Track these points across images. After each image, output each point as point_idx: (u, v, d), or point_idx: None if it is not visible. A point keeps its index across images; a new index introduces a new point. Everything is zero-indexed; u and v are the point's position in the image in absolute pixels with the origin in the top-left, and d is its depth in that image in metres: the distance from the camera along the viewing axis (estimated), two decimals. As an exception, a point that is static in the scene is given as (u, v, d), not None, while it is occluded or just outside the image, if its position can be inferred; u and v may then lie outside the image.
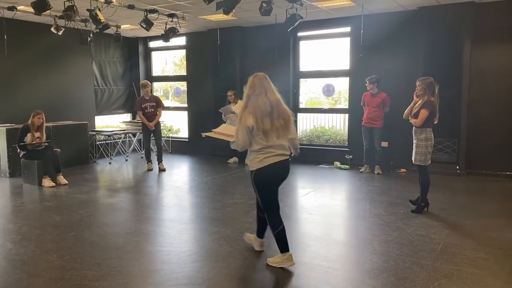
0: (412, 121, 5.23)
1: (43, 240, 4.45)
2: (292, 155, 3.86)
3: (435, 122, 5.22)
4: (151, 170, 8.26)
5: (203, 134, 4.83)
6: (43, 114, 7.10)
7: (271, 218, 3.72)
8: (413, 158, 5.32)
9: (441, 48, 7.33)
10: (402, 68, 7.87)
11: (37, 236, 4.55)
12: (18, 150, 7.13)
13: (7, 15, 7.28)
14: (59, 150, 7.30)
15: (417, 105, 5.19)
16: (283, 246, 3.71)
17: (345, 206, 5.99)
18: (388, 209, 5.46)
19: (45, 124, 7.24)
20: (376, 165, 7.79)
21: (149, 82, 8.44)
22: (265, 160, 3.61)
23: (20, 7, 7.02)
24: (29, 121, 7.05)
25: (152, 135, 8.37)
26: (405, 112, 5.36)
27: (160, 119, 8.52)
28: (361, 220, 5.14)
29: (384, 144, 7.86)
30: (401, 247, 4.16)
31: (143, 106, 8.10)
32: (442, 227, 4.75)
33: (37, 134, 7.09)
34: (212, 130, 4.18)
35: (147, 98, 8.15)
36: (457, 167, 7.47)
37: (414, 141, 5.29)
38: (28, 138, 7.00)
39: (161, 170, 8.25)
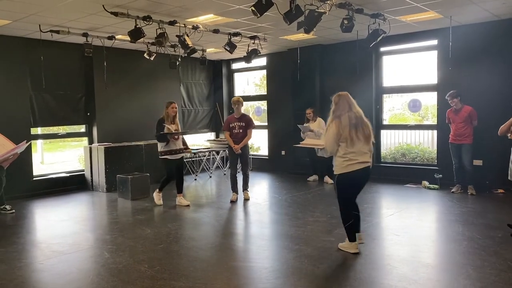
0: (511, 137, 4.84)
1: (136, 251, 4.74)
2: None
3: (537, 138, 4.78)
4: (235, 201, 7.10)
5: (295, 145, 6.01)
6: (175, 103, 6.87)
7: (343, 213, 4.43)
8: (510, 177, 4.89)
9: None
10: (496, 81, 7.31)
11: (130, 247, 4.86)
12: (160, 145, 6.75)
13: (107, 44, 8.04)
14: (190, 150, 7.38)
15: (515, 120, 4.80)
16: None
17: (435, 228, 5.64)
18: (483, 233, 5.04)
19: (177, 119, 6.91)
20: (469, 185, 7.25)
21: (241, 98, 7.14)
22: (348, 167, 4.23)
23: (118, 36, 7.73)
24: (163, 114, 6.78)
25: (239, 159, 7.19)
26: (501, 128, 4.98)
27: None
28: (452, 243, 4.79)
29: (478, 162, 7.32)
30: (499, 273, 3.81)
31: (230, 126, 7.06)
32: (549, 254, 4.28)
33: (174, 127, 6.77)
34: (300, 143, 5.41)
35: (237, 117, 7.05)
36: None
37: (512, 159, 4.87)
38: (165, 130, 6.70)
39: (246, 199, 7.23)
